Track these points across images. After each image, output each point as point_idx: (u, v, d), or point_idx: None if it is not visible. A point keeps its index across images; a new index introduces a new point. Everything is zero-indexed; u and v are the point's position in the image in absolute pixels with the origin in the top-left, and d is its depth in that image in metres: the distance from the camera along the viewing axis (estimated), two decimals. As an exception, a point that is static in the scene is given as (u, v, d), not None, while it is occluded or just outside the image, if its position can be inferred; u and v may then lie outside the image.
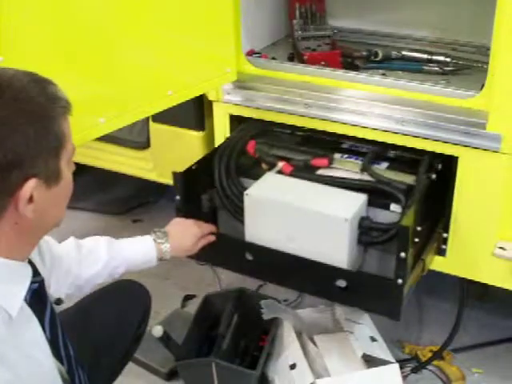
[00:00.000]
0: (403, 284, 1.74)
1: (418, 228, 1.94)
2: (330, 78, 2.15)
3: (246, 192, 1.94)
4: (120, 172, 2.91)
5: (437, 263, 2.13)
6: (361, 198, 1.89)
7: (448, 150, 1.97)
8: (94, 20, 1.65)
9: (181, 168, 2.04)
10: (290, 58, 2.40)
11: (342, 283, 1.81)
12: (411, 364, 2.38)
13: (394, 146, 2.08)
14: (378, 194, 1.92)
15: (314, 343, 2.20)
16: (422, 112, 1.97)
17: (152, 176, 2.79)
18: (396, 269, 1.74)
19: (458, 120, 1.91)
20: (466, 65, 2.27)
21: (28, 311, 1.29)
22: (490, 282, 2.10)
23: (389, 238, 1.85)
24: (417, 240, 1.94)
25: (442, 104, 1.97)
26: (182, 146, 2.57)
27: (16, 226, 1.19)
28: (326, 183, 1.98)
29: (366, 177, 2.00)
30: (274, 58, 2.37)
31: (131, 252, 1.81)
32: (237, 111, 2.29)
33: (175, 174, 1.98)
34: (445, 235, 2.09)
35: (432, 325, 2.59)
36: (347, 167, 2.06)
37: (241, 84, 2.23)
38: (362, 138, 2.11)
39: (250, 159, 2.15)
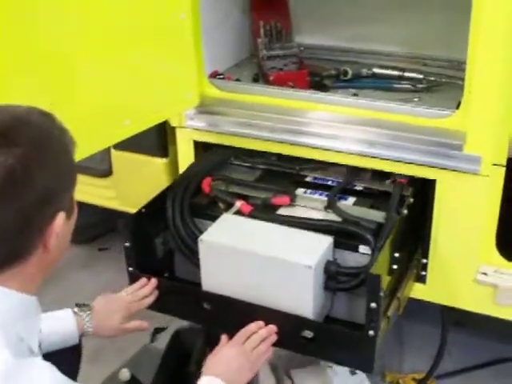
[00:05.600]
0: (375, 336, 1.60)
1: (396, 254, 1.84)
2: (296, 100, 2.04)
3: (200, 238, 1.79)
4: (80, 201, 2.76)
5: (416, 291, 2.04)
6: (326, 241, 1.74)
7: (424, 173, 1.87)
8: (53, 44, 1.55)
9: (145, 196, 1.94)
10: (255, 79, 2.29)
11: (308, 334, 1.67)
12: (393, 394, 2.29)
13: (361, 177, 2.00)
14: (345, 235, 1.77)
15: (291, 378, 2.12)
16: (395, 134, 1.87)
17: (114, 204, 2.66)
18: (366, 320, 1.60)
19: (434, 142, 1.82)
20: (440, 81, 2.18)
21: None
22: (472, 309, 2.00)
23: (359, 284, 1.71)
24: (395, 267, 1.85)
25: (416, 125, 1.87)
26: (145, 174, 2.45)
27: (38, 262, 1.19)
28: (288, 224, 1.82)
29: (331, 215, 1.86)
30: (238, 80, 2.26)
31: (47, 330, 1.58)
32: (201, 137, 2.18)
33: (123, 221, 1.87)
34: (424, 261, 2.00)
35: (413, 350, 2.48)
36: (311, 205, 1.92)
37: (204, 109, 2.12)
38: (328, 163, 2.03)
39: (206, 198, 2.00)
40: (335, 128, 1.95)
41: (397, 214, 1.82)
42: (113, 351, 2.48)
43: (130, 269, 1.91)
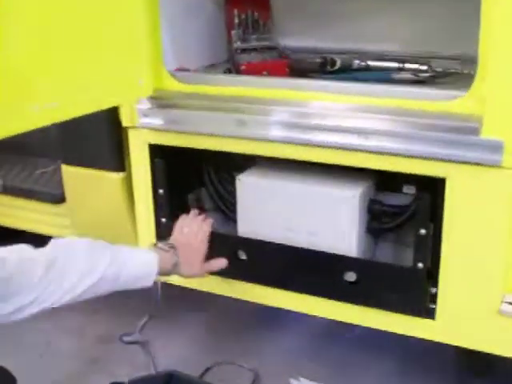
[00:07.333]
0: (424, 269, 1.54)
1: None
2: (270, 88, 1.67)
3: (238, 177, 1.76)
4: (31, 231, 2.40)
5: (423, 329, 1.63)
6: (369, 177, 1.68)
7: (430, 169, 1.48)
8: None
9: (100, 220, 1.82)
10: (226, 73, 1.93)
11: (351, 277, 1.63)
12: None
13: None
14: (387, 176, 1.61)
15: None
16: (392, 119, 1.49)
17: (68, 233, 2.27)
18: (415, 251, 1.56)
19: (442, 126, 1.43)
20: (446, 71, 1.80)
21: None
22: (496, 352, 1.60)
23: (403, 221, 1.66)
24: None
25: (420, 109, 1.48)
26: (100, 193, 2.07)
27: None
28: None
29: None
30: (203, 73, 1.90)
31: (130, 262, 1.53)
32: (157, 139, 1.81)
33: (157, 162, 1.82)
34: (433, 290, 1.59)
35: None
36: None
37: (161, 102, 1.75)
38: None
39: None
40: (318, 116, 1.57)
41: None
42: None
43: (163, 220, 1.89)
